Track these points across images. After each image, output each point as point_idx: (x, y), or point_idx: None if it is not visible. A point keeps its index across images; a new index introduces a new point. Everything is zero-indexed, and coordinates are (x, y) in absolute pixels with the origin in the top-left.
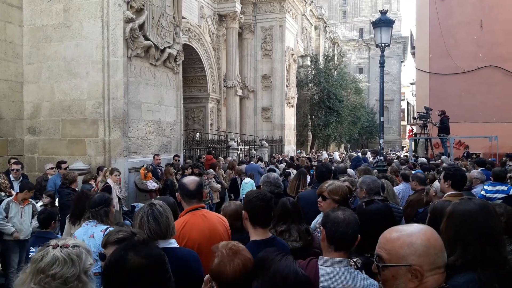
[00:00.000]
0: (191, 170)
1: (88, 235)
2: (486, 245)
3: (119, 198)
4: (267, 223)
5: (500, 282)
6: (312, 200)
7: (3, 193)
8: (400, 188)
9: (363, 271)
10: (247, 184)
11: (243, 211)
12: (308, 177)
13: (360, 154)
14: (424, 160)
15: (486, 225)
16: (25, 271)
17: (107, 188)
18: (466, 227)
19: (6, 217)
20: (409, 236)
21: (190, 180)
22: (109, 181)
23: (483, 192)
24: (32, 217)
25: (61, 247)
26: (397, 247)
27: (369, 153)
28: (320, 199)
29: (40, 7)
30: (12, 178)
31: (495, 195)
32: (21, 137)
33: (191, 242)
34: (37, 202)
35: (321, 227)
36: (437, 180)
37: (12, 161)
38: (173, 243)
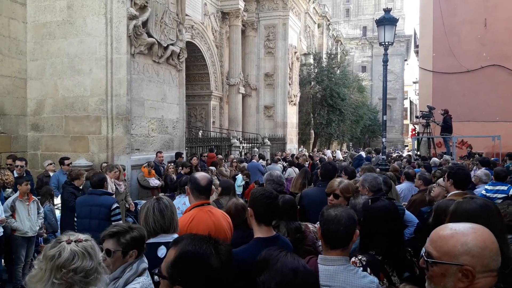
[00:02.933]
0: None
1: (182, 203)
2: None
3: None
4: (272, 221)
5: (505, 282)
6: (315, 198)
7: (9, 189)
8: (403, 187)
9: (368, 269)
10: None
11: (248, 208)
12: None
13: (363, 153)
14: (436, 160)
15: (487, 225)
16: (40, 267)
17: None
18: None
19: (12, 215)
20: (464, 235)
21: (202, 176)
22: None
23: (483, 192)
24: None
25: (75, 242)
26: (450, 245)
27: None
28: (331, 197)
29: (44, 3)
30: (15, 175)
31: (495, 195)
32: (24, 133)
33: None
34: (39, 199)
35: (318, 226)
36: (442, 179)
37: (9, 161)
38: (175, 237)
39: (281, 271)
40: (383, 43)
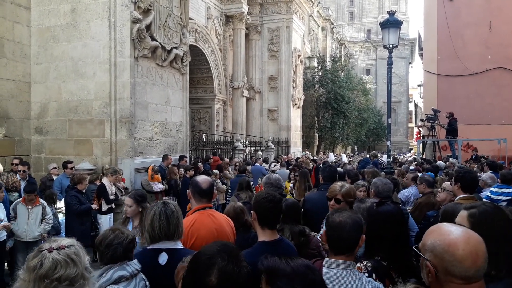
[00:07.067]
0: (193, 172)
1: None
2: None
3: (116, 198)
4: (275, 225)
5: None
6: (319, 202)
7: (16, 193)
8: (412, 191)
9: (373, 275)
10: None
11: (252, 211)
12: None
13: (369, 156)
14: (441, 163)
15: (499, 230)
16: (23, 279)
17: (101, 188)
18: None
19: (15, 217)
20: (442, 234)
21: (203, 179)
22: (104, 180)
23: (488, 194)
24: (42, 220)
25: (57, 249)
26: (426, 238)
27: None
28: (332, 202)
29: (48, 7)
30: (18, 178)
31: (500, 197)
32: (28, 137)
33: (200, 241)
34: None
35: (324, 229)
36: (447, 183)
37: (15, 161)
38: (178, 244)
39: (295, 271)
40: (388, 46)
